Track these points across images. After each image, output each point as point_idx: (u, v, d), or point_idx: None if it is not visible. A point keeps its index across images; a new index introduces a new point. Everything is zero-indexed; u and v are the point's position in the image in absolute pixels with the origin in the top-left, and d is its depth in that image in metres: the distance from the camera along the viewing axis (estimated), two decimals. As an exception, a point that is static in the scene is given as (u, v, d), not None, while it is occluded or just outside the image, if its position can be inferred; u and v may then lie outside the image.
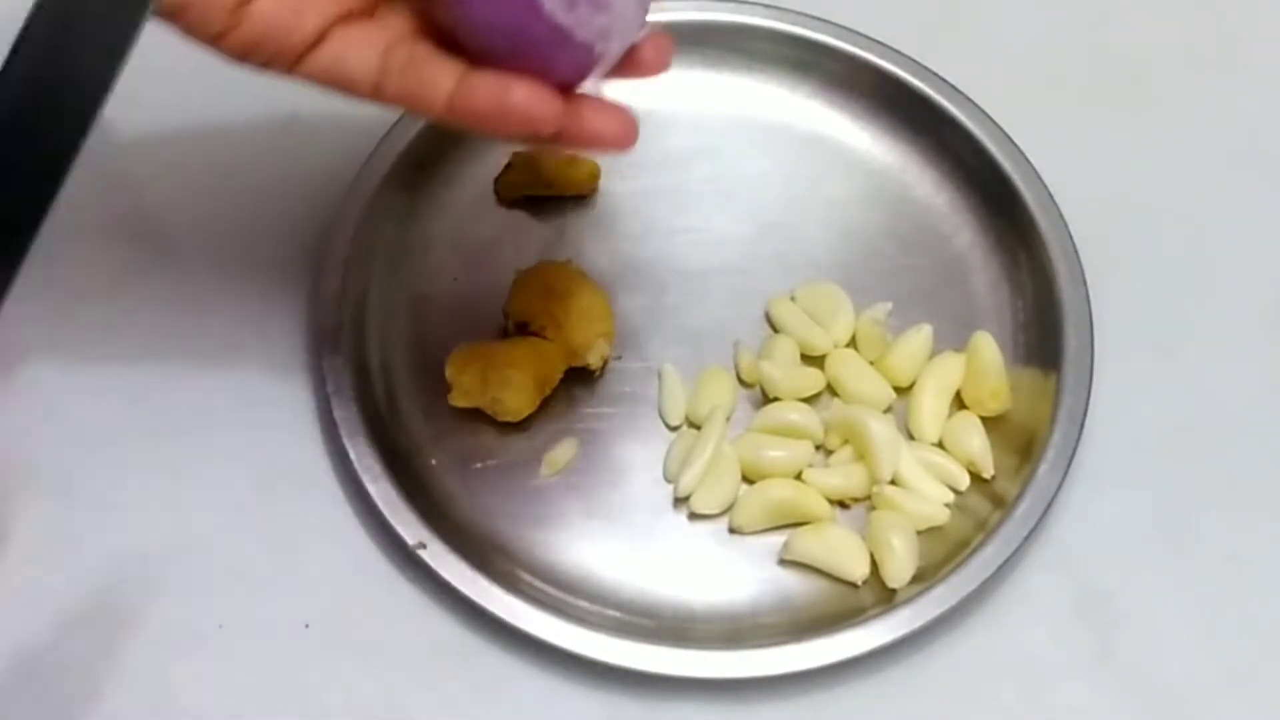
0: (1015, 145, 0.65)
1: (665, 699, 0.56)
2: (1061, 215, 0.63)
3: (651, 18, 0.66)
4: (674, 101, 0.67)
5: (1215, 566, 0.60)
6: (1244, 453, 0.62)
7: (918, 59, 0.67)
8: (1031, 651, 0.58)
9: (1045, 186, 0.64)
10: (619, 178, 0.66)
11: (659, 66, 0.50)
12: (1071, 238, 0.63)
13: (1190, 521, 0.60)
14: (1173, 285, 0.66)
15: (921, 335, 0.62)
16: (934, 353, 0.62)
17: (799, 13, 0.67)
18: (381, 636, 0.56)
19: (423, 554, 0.56)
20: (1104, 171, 0.67)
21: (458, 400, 0.59)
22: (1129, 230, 0.66)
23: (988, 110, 0.65)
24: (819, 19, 0.67)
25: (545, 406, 0.60)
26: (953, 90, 0.66)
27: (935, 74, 0.66)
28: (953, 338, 0.62)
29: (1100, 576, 0.59)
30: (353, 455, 0.57)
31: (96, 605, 0.56)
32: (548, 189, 0.65)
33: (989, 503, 0.59)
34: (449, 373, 0.59)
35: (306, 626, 0.56)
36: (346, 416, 0.58)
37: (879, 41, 0.67)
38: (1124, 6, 0.73)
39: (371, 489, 0.57)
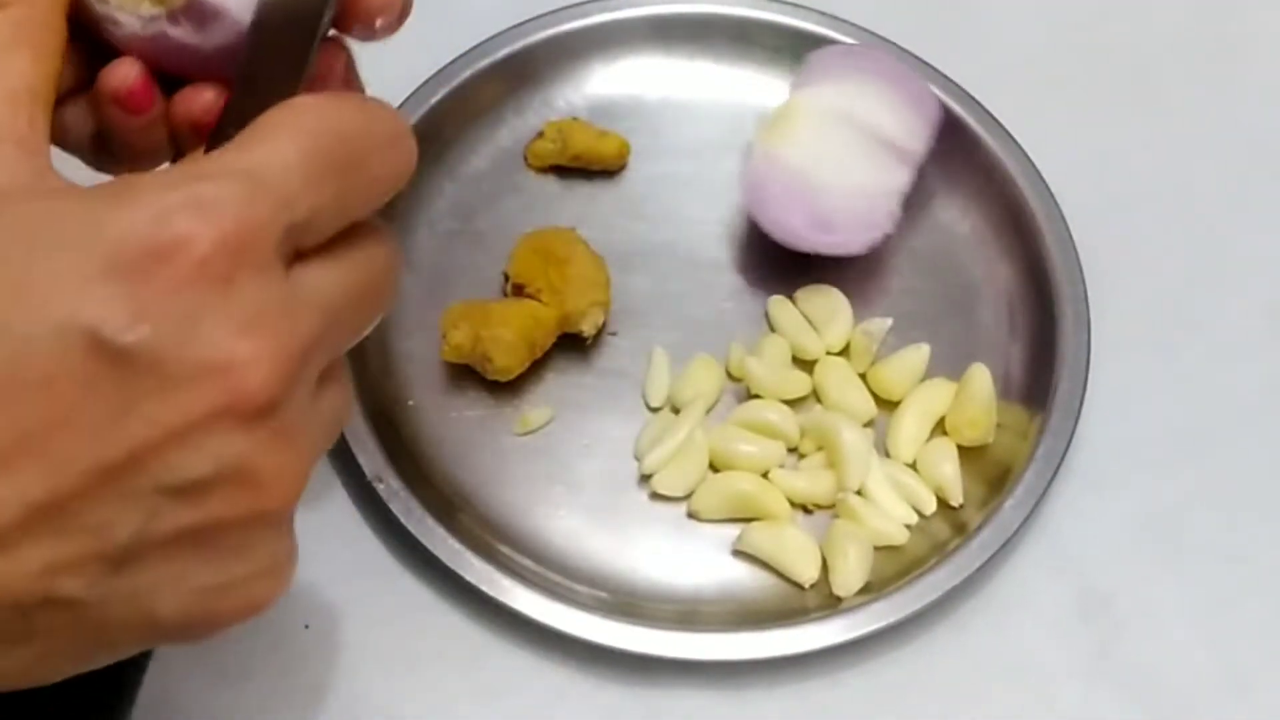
0: (1017, 144, 0.65)
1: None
2: (1074, 244, 0.63)
3: (693, 8, 0.68)
4: (712, 93, 0.68)
5: (1215, 566, 0.60)
6: (1244, 453, 0.62)
7: (921, 58, 0.67)
8: (1032, 652, 0.58)
9: (1053, 195, 0.64)
10: (648, 160, 0.67)
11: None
12: (1082, 277, 0.63)
13: (1190, 522, 0.60)
14: (1173, 285, 0.66)
15: (919, 354, 0.62)
16: (927, 376, 0.62)
17: (820, 12, 0.68)
18: (381, 636, 0.57)
19: (379, 488, 0.57)
20: (1104, 171, 0.68)
21: (448, 355, 0.60)
22: (1129, 230, 0.66)
23: (988, 109, 0.66)
24: (851, 23, 0.68)
25: (534, 370, 0.61)
26: (958, 90, 0.66)
27: (939, 73, 0.67)
28: (948, 366, 0.62)
29: (1100, 577, 0.59)
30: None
31: None
32: (575, 161, 0.66)
33: (950, 529, 0.59)
34: (442, 327, 0.60)
35: (306, 627, 0.57)
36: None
37: (930, 62, 0.67)
38: (1125, 7, 0.73)
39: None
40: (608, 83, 0.68)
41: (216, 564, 0.37)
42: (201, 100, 0.43)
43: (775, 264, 0.64)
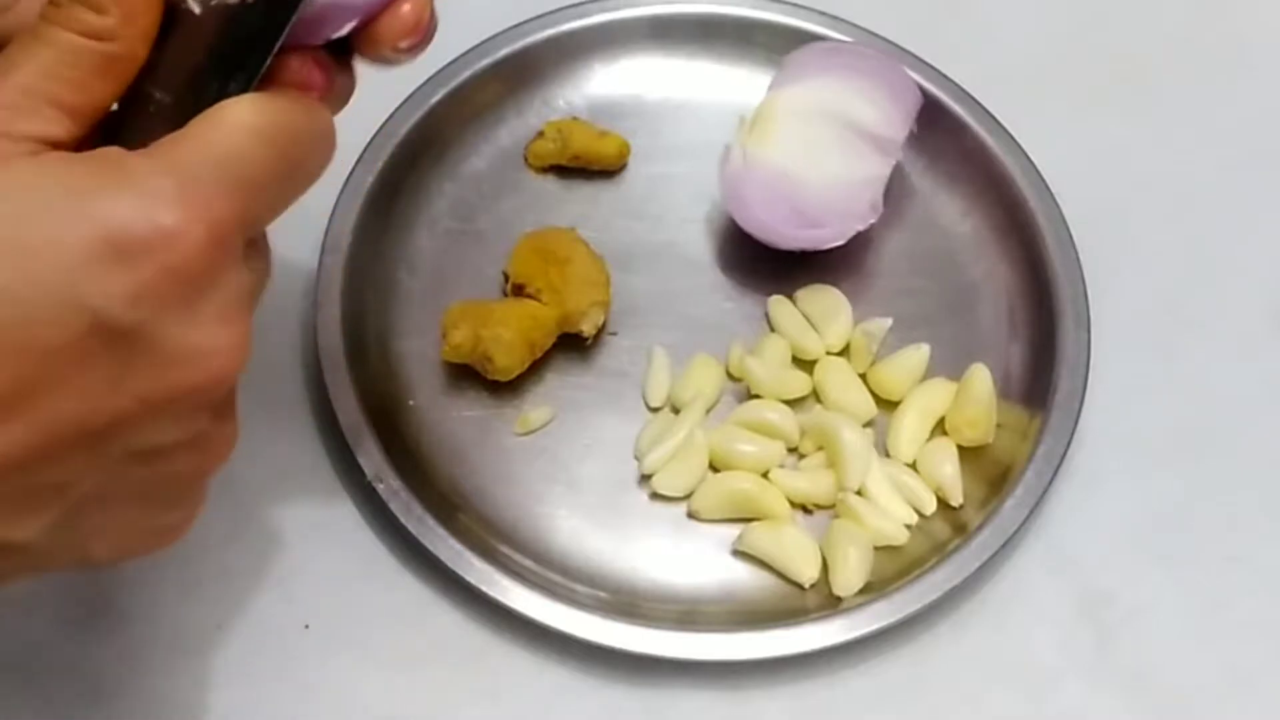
0: (1017, 144, 0.65)
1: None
2: (1073, 244, 0.63)
3: (693, 8, 0.68)
4: (713, 93, 0.68)
5: (1215, 566, 0.60)
6: (1244, 453, 0.62)
7: (921, 57, 0.67)
8: (1032, 651, 0.58)
9: (1053, 195, 0.64)
10: (648, 160, 0.67)
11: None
12: (1082, 277, 0.63)
13: (1190, 522, 0.61)
14: (1173, 285, 0.66)
15: (919, 354, 0.62)
16: (928, 376, 0.62)
17: (821, 12, 0.68)
18: (381, 636, 0.57)
19: (379, 488, 0.57)
20: (1104, 171, 0.68)
21: (449, 355, 0.60)
22: (1129, 230, 0.67)
23: (988, 109, 0.66)
24: (851, 23, 0.68)
25: (535, 370, 0.61)
26: (958, 90, 0.66)
27: (939, 73, 0.67)
28: (948, 366, 0.62)
29: (1100, 577, 0.59)
30: (330, 387, 0.58)
31: (96, 605, 0.56)
32: (575, 161, 0.66)
33: (950, 529, 0.59)
34: (442, 327, 0.60)
35: (306, 627, 0.57)
36: (329, 345, 0.59)
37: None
38: (1125, 7, 0.73)
39: (341, 418, 0.58)
40: (608, 83, 0.68)
41: (154, 512, 0.42)
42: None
43: (775, 264, 0.64)
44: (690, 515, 0.59)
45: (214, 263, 0.38)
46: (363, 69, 0.45)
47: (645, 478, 0.60)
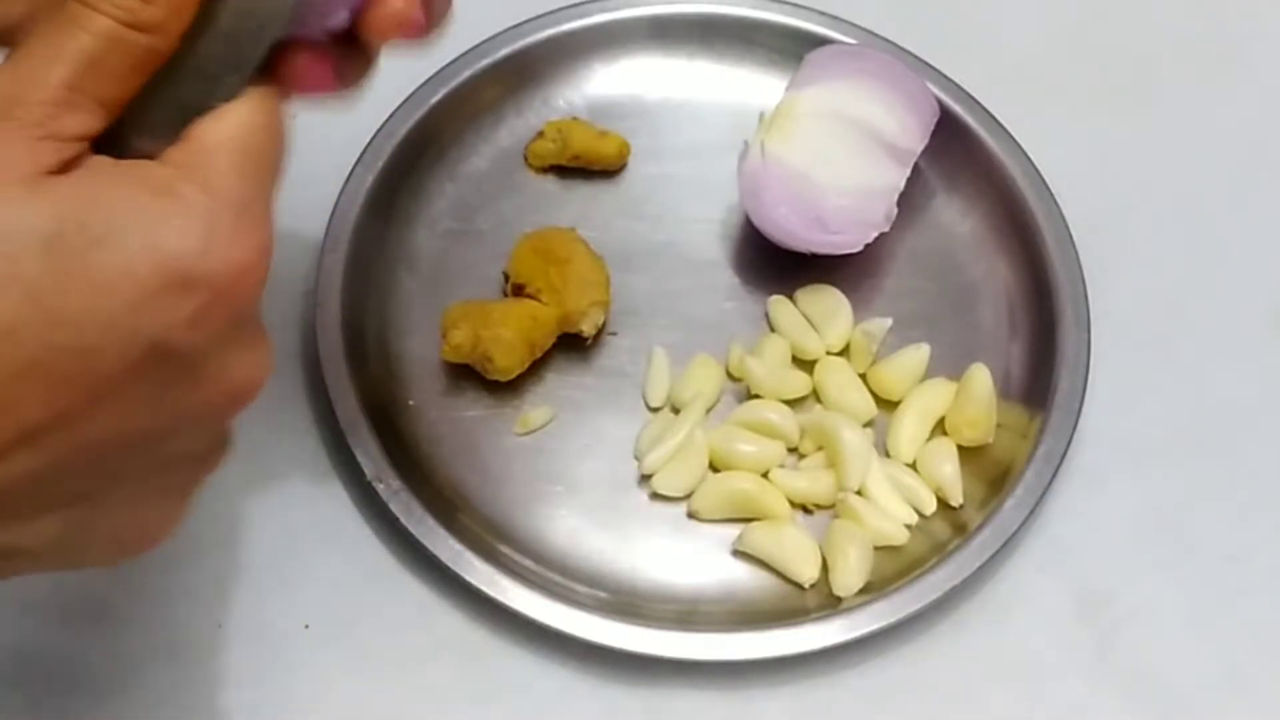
0: (1017, 144, 0.65)
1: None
2: (1074, 244, 0.63)
3: (693, 8, 0.68)
4: (712, 93, 0.69)
5: (1215, 566, 0.60)
6: (1244, 453, 0.62)
7: (921, 57, 0.67)
8: (1032, 651, 0.58)
9: (1053, 195, 0.64)
10: (648, 160, 0.67)
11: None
12: (1082, 277, 0.63)
13: (1190, 521, 0.61)
14: (1173, 285, 0.66)
15: (919, 354, 0.62)
16: (928, 376, 0.62)
17: (821, 12, 0.68)
18: (382, 636, 0.57)
19: (379, 488, 0.57)
20: (1104, 171, 0.68)
21: (448, 355, 0.60)
22: (1129, 230, 0.67)
23: (988, 109, 0.66)
24: (852, 23, 0.68)
25: (534, 370, 0.61)
26: (958, 90, 0.66)
27: (939, 73, 0.67)
28: (948, 366, 0.62)
29: (1100, 577, 0.59)
30: (330, 387, 0.58)
31: (96, 606, 0.56)
32: (575, 161, 0.66)
33: (951, 529, 0.59)
34: (442, 327, 0.60)
35: (306, 627, 0.57)
36: (329, 345, 0.59)
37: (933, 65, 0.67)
38: (1125, 7, 0.73)
39: (341, 418, 0.58)
40: (608, 83, 0.68)
41: (153, 516, 0.42)
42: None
43: (775, 264, 0.64)
44: (690, 515, 0.59)
45: (259, 292, 0.39)
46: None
47: (645, 478, 0.60)
